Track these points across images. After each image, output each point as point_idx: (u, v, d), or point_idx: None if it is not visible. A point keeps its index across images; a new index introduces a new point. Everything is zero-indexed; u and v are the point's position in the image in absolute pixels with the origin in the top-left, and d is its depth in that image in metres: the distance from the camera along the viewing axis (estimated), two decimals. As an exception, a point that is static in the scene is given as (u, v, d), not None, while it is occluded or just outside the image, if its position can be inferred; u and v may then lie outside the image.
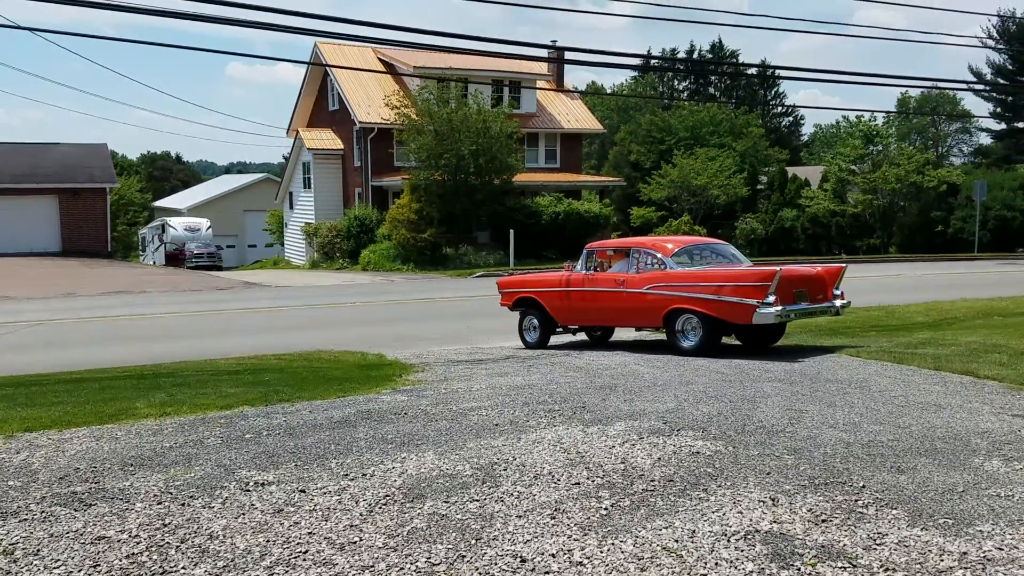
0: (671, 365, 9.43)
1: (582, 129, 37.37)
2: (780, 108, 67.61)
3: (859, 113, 41.55)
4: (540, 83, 36.03)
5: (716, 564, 4.00)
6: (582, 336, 12.44)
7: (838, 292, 10.45)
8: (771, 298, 9.38)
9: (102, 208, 36.55)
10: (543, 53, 30.22)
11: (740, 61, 63.37)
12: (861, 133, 39.88)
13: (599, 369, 9.35)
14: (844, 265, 10.94)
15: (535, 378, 8.83)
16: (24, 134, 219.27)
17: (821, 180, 39.88)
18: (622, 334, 12.56)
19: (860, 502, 4.74)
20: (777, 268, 9.76)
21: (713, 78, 66.78)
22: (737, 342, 11.01)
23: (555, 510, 4.73)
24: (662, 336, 10.84)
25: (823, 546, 4.15)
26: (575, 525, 4.50)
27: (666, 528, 4.44)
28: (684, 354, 10.02)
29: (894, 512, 4.58)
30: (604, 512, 4.68)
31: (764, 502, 4.76)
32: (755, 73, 61.66)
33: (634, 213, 39.61)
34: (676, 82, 68.83)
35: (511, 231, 28.95)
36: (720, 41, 65.94)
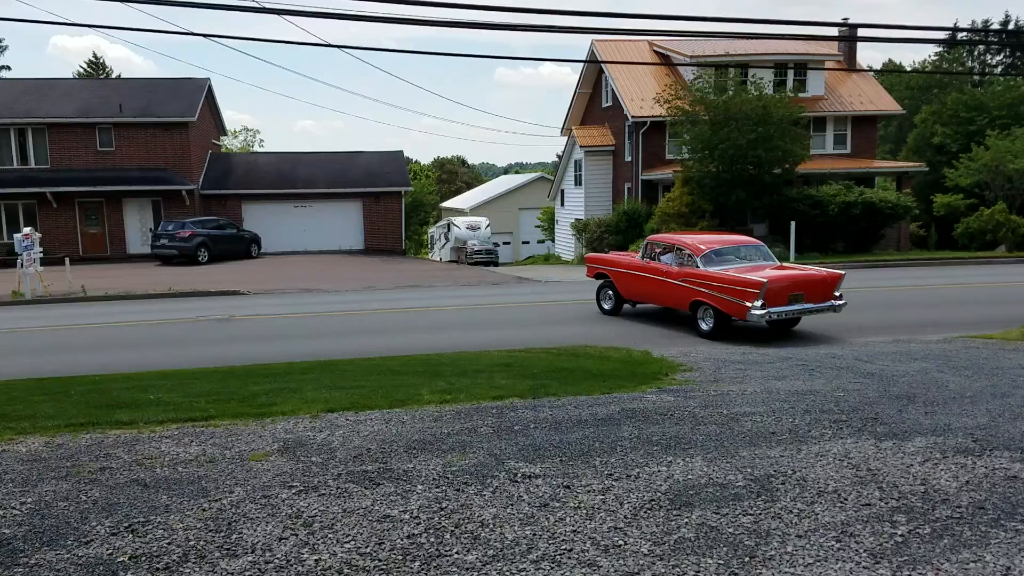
0: (982, 374, 8.26)
1: (876, 111, 34.23)
2: None
3: None
4: (828, 63, 33.58)
5: (1046, 618, 3.35)
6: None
7: (838, 294, 12.01)
8: (759, 302, 11.25)
9: (398, 210, 40.12)
10: (832, 32, 28.08)
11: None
12: None
13: (893, 376, 8.43)
14: (843, 272, 12.42)
15: (818, 384, 8.16)
16: (328, 142, 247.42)
17: None
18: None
19: None
20: (764, 279, 11.32)
21: (1035, 46, 58.07)
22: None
23: (841, 532, 4.27)
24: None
25: None
26: (865, 551, 4.02)
27: (974, 562, 3.83)
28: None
29: None
30: (900, 539, 4.14)
31: (1112, 548, 3.93)
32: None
33: (937, 201, 35.55)
34: (988, 56, 60.85)
35: (792, 223, 27.27)
36: (1046, 2, 57.09)
